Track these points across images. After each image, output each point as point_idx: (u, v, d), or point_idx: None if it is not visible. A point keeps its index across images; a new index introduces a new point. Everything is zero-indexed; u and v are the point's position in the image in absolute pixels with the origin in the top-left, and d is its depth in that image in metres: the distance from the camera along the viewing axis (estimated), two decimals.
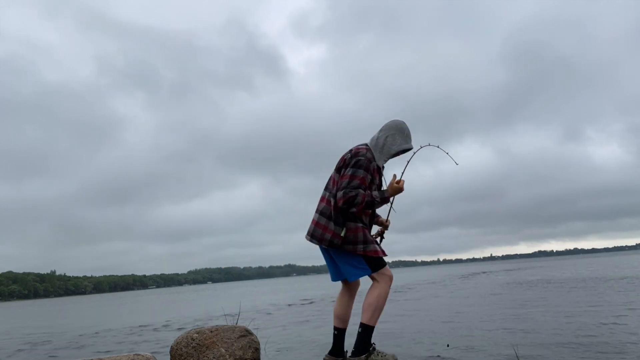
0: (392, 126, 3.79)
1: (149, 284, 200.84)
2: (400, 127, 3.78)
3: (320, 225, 3.66)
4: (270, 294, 27.40)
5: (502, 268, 46.96)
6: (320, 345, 6.10)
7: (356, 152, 3.71)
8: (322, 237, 3.64)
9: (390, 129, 3.77)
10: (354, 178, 3.56)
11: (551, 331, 5.69)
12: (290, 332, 7.93)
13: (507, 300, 10.64)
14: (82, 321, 16.07)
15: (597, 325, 5.86)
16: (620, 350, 4.32)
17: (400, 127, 3.78)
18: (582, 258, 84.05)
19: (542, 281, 17.16)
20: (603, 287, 12.14)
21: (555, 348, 4.63)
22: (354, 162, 3.64)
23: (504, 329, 6.13)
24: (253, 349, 4.40)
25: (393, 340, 5.88)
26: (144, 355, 4.05)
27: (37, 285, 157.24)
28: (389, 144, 3.73)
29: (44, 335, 11.12)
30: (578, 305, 8.32)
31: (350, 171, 3.60)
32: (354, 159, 3.65)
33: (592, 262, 42.93)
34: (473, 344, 5.20)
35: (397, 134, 3.74)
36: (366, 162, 3.63)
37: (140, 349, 6.82)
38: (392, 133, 3.74)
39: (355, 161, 3.64)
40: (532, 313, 7.66)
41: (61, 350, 7.91)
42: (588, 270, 24.16)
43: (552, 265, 40.92)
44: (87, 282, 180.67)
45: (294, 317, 10.89)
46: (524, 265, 51.27)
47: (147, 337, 8.76)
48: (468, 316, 7.97)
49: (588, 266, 30.64)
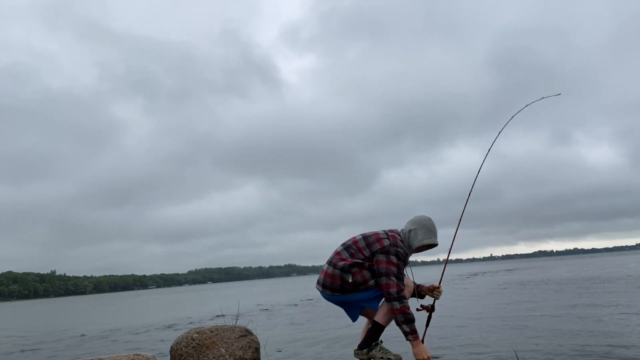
0: (415, 221, 3.83)
1: (149, 284, 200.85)
2: (423, 222, 3.80)
3: (328, 274, 3.76)
4: (270, 294, 27.41)
5: (504, 268, 46.95)
6: (320, 345, 6.10)
7: (395, 242, 3.70)
8: (333, 286, 3.73)
9: (413, 224, 3.81)
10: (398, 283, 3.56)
11: (552, 331, 5.69)
12: (290, 332, 7.93)
13: (520, 300, 10.64)
14: (82, 321, 16.07)
15: (597, 327, 5.86)
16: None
17: (423, 222, 3.80)
18: (582, 258, 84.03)
19: (548, 281, 17.15)
20: (605, 287, 12.14)
21: (555, 349, 4.64)
22: (396, 256, 3.65)
23: (509, 329, 6.13)
24: (253, 349, 4.40)
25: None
26: (144, 355, 4.05)
27: (37, 285, 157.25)
28: (411, 238, 3.77)
29: (44, 336, 11.12)
30: (577, 305, 8.32)
31: (391, 278, 3.56)
32: (394, 248, 3.65)
33: (593, 262, 42.91)
34: (478, 344, 5.20)
35: (420, 229, 3.76)
36: (403, 256, 3.70)
37: (140, 349, 6.82)
38: (415, 228, 3.77)
39: (396, 253, 3.65)
40: (534, 313, 7.67)
41: (61, 350, 7.91)
42: (587, 269, 24.17)
43: (553, 265, 40.90)
44: (87, 282, 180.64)
45: (294, 317, 10.89)
46: (525, 265, 51.27)
47: (147, 337, 8.76)
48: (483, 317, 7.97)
49: (588, 266, 30.64)
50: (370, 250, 3.69)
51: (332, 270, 3.74)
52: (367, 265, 3.67)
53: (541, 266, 41.41)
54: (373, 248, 3.69)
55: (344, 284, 3.68)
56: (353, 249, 3.77)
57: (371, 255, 3.68)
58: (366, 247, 3.72)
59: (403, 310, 3.48)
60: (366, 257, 3.69)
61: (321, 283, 3.82)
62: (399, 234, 3.82)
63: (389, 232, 3.81)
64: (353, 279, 3.65)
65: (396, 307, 3.50)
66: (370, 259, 3.67)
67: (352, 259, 3.70)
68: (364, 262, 3.68)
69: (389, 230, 3.89)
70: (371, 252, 3.68)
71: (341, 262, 3.70)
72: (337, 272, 3.69)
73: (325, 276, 3.78)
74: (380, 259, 3.62)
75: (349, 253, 3.76)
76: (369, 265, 3.68)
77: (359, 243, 3.78)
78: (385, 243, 3.67)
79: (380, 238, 3.73)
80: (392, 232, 3.82)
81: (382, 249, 3.65)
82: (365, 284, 3.66)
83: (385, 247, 3.64)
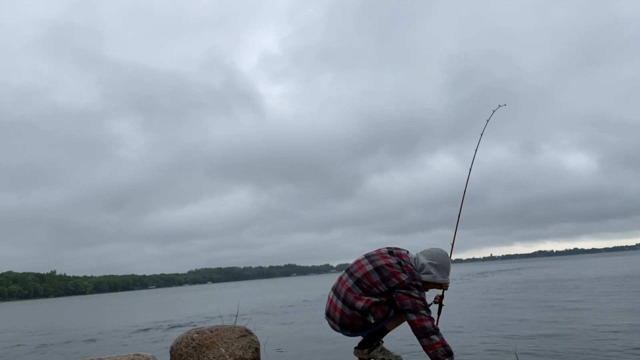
0: (434, 256, 3.58)
1: (149, 284, 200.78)
2: (442, 260, 3.57)
3: (346, 315, 3.51)
4: (270, 294, 27.40)
5: (505, 268, 46.94)
6: (319, 344, 6.10)
7: (412, 276, 3.42)
8: (354, 327, 3.53)
9: (432, 258, 3.56)
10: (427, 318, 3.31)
11: (551, 332, 5.69)
12: (290, 331, 7.92)
13: (530, 300, 10.63)
14: (82, 321, 16.07)
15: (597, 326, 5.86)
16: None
17: (442, 260, 3.57)
18: (583, 258, 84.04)
19: (564, 280, 17.15)
20: (608, 286, 12.14)
21: (555, 346, 4.63)
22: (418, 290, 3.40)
23: (511, 329, 6.13)
24: (253, 349, 4.40)
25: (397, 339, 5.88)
26: (144, 355, 4.05)
27: (37, 285, 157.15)
28: (424, 272, 3.51)
29: (44, 336, 11.12)
30: (576, 305, 8.32)
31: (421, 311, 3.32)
32: (414, 282, 3.41)
33: (594, 261, 42.91)
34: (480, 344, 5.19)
35: (439, 267, 3.53)
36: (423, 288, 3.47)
37: (141, 349, 6.81)
38: (434, 263, 3.53)
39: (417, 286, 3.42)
40: (535, 313, 7.66)
41: (61, 350, 7.91)
42: (587, 269, 24.17)
43: (554, 265, 40.89)
44: (87, 282, 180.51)
45: (294, 316, 10.89)
46: (526, 265, 51.26)
47: (147, 337, 8.76)
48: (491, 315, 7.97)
49: (587, 265, 30.64)
50: (387, 286, 3.42)
51: (350, 311, 3.48)
52: (385, 301, 3.44)
53: (545, 266, 41.41)
54: (390, 284, 3.41)
55: (367, 325, 3.47)
56: (365, 283, 3.47)
57: (388, 290, 3.42)
58: (381, 282, 3.44)
59: (444, 343, 3.24)
60: (382, 292, 3.43)
61: (338, 322, 3.56)
62: (410, 263, 3.53)
63: (399, 259, 3.53)
64: (375, 318, 3.44)
65: (436, 340, 3.22)
66: (387, 294, 3.43)
67: (366, 296, 3.44)
68: (381, 299, 3.44)
69: (394, 248, 3.67)
70: (388, 288, 3.42)
71: (358, 303, 3.44)
72: (357, 314, 3.45)
73: (343, 317, 3.52)
74: (402, 296, 3.36)
75: (362, 289, 3.47)
76: (387, 300, 3.45)
77: (371, 277, 3.47)
78: (403, 278, 3.40)
79: (396, 272, 3.43)
80: (403, 260, 3.53)
81: (401, 285, 3.38)
82: (386, 317, 3.49)
83: (405, 283, 3.38)
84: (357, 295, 3.47)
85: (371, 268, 3.50)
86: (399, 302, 3.37)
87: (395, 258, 3.54)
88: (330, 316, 3.64)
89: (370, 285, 3.45)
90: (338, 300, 3.57)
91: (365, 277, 3.49)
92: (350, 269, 3.66)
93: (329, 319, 3.67)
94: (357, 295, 3.47)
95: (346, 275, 3.63)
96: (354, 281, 3.53)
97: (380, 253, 3.62)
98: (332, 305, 3.62)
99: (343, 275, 3.67)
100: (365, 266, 3.55)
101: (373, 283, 3.45)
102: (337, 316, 3.56)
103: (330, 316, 3.63)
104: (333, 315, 3.59)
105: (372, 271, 3.48)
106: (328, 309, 3.67)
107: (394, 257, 3.54)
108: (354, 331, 3.56)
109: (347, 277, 3.61)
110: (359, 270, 3.56)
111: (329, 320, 3.66)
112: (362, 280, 3.49)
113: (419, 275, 3.47)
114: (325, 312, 3.72)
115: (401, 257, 3.55)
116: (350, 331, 3.57)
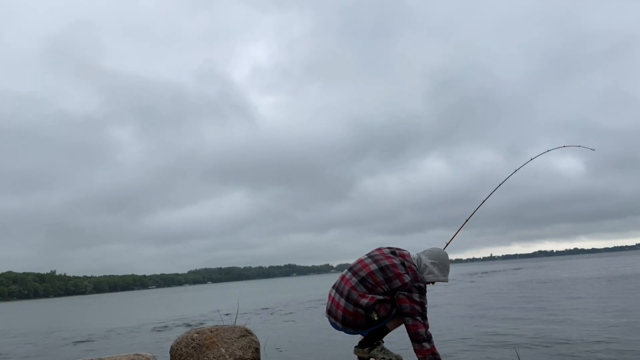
0: (436, 255, 3.67)
1: (149, 284, 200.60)
2: (443, 259, 3.67)
3: (349, 312, 3.53)
4: (270, 294, 27.41)
5: (505, 268, 46.94)
6: (319, 344, 6.10)
7: (415, 277, 3.49)
8: (357, 324, 3.55)
9: (433, 257, 3.65)
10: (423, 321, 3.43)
11: (554, 331, 5.69)
12: (290, 331, 7.93)
13: (533, 299, 10.63)
14: (82, 321, 16.07)
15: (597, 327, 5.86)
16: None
17: (443, 259, 3.67)
18: (582, 258, 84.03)
19: (568, 280, 17.14)
20: (609, 286, 12.14)
21: (558, 347, 4.63)
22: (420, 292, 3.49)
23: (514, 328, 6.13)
24: (253, 349, 4.40)
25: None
26: (144, 355, 4.05)
27: (37, 285, 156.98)
28: (427, 272, 3.60)
29: (44, 336, 11.12)
30: (575, 305, 8.32)
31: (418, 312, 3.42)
32: (416, 284, 3.48)
33: (594, 261, 42.91)
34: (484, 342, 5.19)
35: (440, 266, 3.62)
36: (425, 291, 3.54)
37: (140, 349, 6.81)
38: (435, 263, 3.62)
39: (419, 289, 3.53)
40: (536, 312, 7.67)
41: (61, 350, 7.91)
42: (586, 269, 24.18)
43: (554, 265, 40.89)
44: (87, 282, 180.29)
45: (294, 316, 10.89)
46: (526, 265, 51.26)
47: (147, 337, 8.76)
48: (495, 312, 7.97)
49: (587, 265, 30.64)
50: (390, 287, 3.48)
51: (354, 308, 3.50)
52: (388, 300, 3.49)
53: (545, 266, 41.40)
54: (393, 285, 3.47)
55: (370, 322, 3.50)
56: (370, 282, 3.51)
57: (391, 291, 3.47)
58: (385, 282, 3.49)
59: (433, 352, 3.34)
60: (385, 291, 3.48)
61: (340, 319, 3.57)
62: (413, 263, 3.59)
63: (402, 259, 3.59)
64: (378, 315, 3.47)
65: (426, 347, 3.34)
66: (390, 294, 3.48)
67: (370, 294, 3.48)
68: (384, 297, 3.48)
69: (396, 248, 3.71)
70: (391, 289, 3.47)
71: (362, 300, 3.47)
72: (361, 311, 3.48)
73: (345, 314, 3.54)
74: (402, 298, 3.43)
75: (366, 287, 3.51)
76: (390, 299, 3.50)
77: (375, 276, 3.51)
78: (406, 279, 3.46)
79: (400, 274, 3.49)
80: (406, 260, 3.58)
81: (403, 286, 3.45)
82: (389, 315, 3.52)
83: (407, 285, 3.44)
84: (361, 293, 3.48)
85: (375, 268, 3.53)
86: (399, 304, 3.42)
87: (398, 258, 3.56)
88: (331, 314, 3.62)
89: (374, 284, 3.48)
90: (341, 298, 3.57)
91: (369, 276, 3.51)
92: (353, 267, 3.67)
93: (330, 317, 3.66)
94: (361, 293, 3.48)
95: (349, 273, 3.64)
96: (357, 279, 3.54)
97: (383, 253, 3.63)
98: (333, 302, 3.61)
99: (346, 274, 3.67)
100: (369, 265, 3.57)
101: (377, 282, 3.48)
102: (339, 313, 3.55)
103: (332, 314, 3.61)
104: (335, 313, 3.58)
105: (376, 271, 3.51)
106: (329, 306, 3.66)
107: (397, 258, 3.57)
108: (356, 328, 3.56)
109: (350, 275, 3.62)
110: (362, 269, 3.58)
111: (330, 318, 3.65)
112: (367, 279, 3.51)
113: (421, 276, 3.51)
114: (326, 310, 3.71)
115: (404, 257, 3.58)
116: (352, 328, 3.56)
